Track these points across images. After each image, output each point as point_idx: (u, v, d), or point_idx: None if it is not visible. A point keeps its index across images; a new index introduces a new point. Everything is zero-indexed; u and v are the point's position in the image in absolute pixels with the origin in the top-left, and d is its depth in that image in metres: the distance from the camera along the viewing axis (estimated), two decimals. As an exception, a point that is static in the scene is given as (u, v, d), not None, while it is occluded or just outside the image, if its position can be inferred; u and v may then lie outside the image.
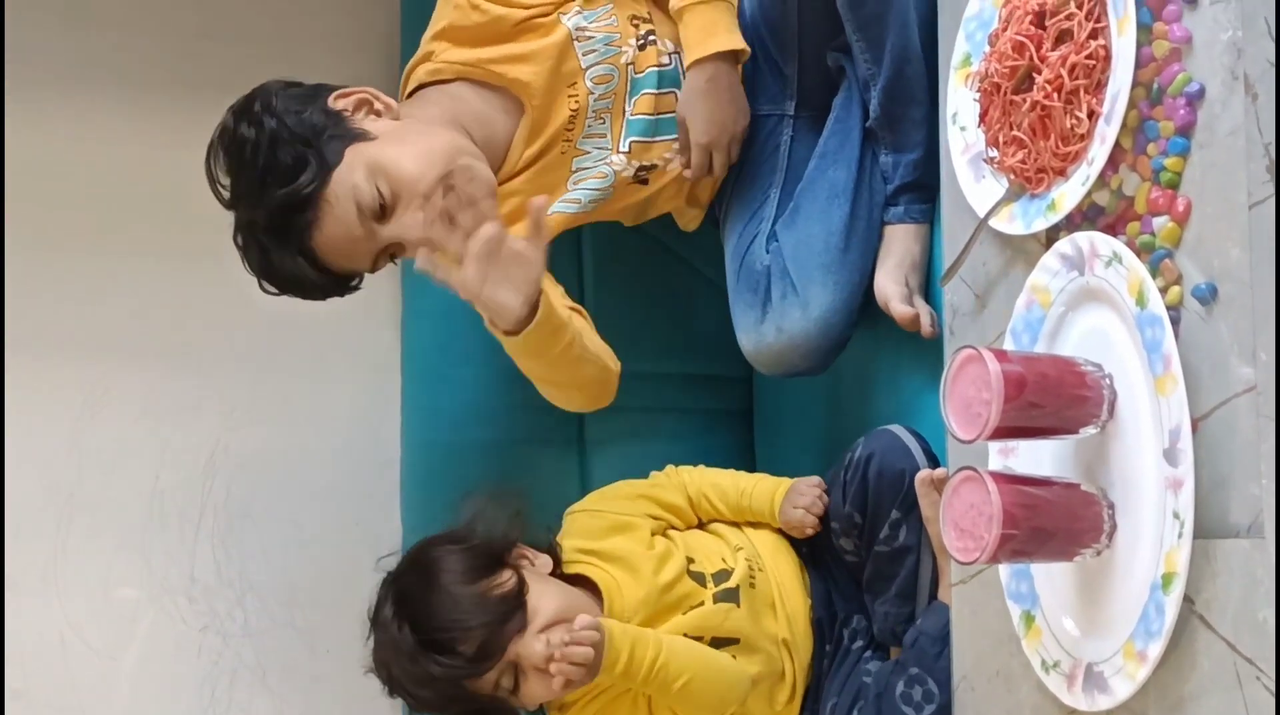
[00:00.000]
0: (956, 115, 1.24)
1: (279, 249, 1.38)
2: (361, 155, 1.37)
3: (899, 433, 1.43)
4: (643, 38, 1.52)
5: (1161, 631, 0.97)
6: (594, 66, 1.49)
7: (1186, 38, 1.01)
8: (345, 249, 1.38)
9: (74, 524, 1.81)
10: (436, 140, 1.40)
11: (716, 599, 1.43)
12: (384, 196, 1.36)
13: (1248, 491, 0.93)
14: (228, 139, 1.39)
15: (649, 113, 1.52)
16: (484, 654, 1.32)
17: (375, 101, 1.43)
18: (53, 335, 1.83)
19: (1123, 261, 1.02)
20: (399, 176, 1.37)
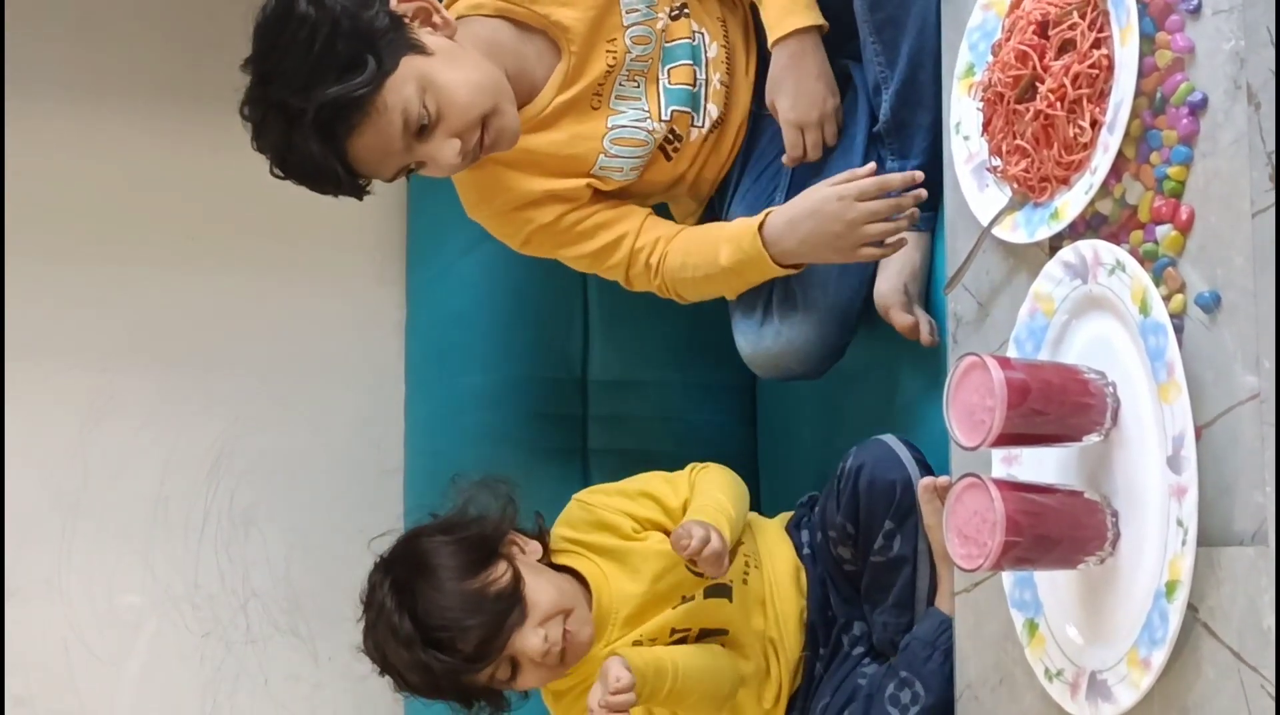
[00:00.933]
0: (960, 124, 1.24)
1: (316, 142, 1.32)
2: (416, 68, 1.34)
3: (890, 443, 1.43)
4: (676, 9, 1.51)
5: (1165, 639, 0.97)
6: (634, 26, 1.48)
7: (1189, 47, 1.01)
8: (378, 156, 1.36)
9: (78, 530, 1.82)
10: (488, 73, 1.40)
11: (707, 594, 1.44)
12: (430, 115, 1.35)
13: (1251, 499, 0.94)
14: (282, 9, 1.32)
15: (689, 83, 1.52)
16: (482, 653, 1.33)
17: (435, 14, 1.40)
18: (57, 342, 1.84)
19: (1126, 269, 1.03)
20: (450, 100, 1.36)
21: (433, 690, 1.37)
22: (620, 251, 1.52)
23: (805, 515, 1.55)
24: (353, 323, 1.96)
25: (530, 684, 1.39)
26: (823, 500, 1.50)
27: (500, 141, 1.42)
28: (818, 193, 1.42)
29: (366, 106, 1.32)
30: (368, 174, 1.39)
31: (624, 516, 1.49)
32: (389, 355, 1.91)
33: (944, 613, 1.35)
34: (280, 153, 1.36)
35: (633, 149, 1.52)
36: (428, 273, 1.87)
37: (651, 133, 1.51)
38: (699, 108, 1.54)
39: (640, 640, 1.42)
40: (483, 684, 1.36)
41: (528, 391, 1.79)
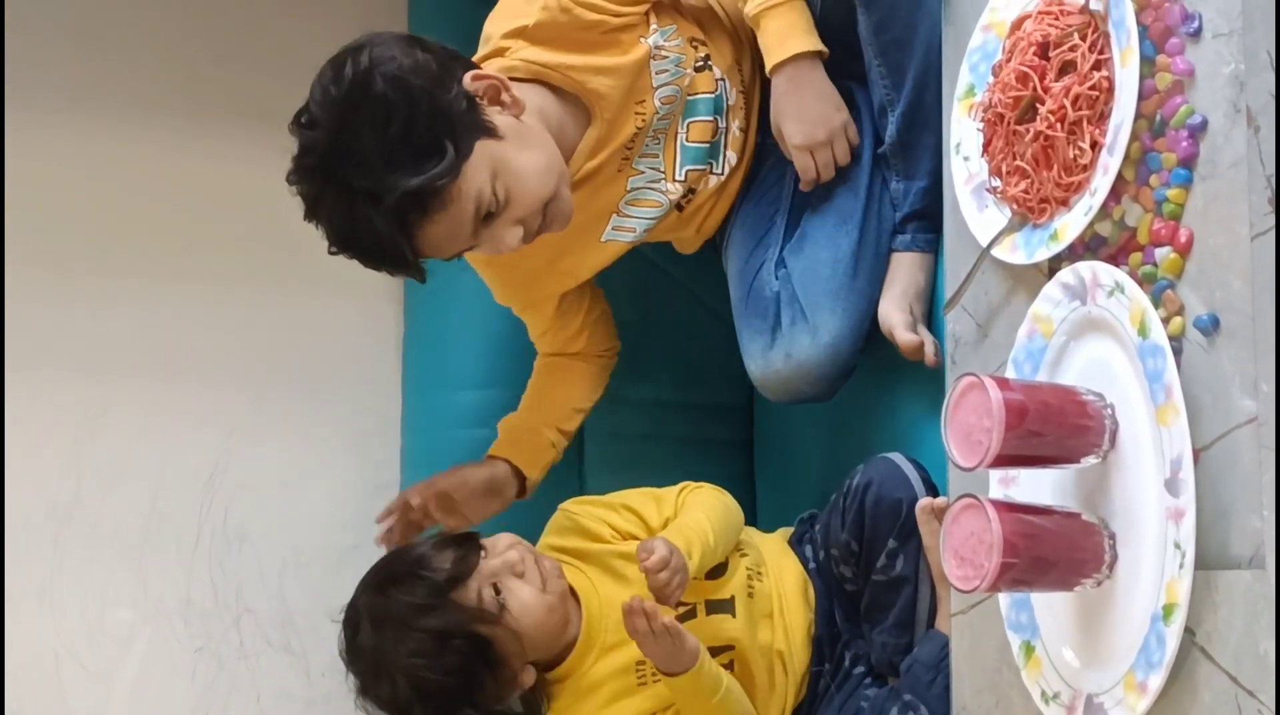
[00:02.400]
0: (960, 145, 1.24)
1: (386, 225, 1.28)
2: (489, 153, 1.31)
3: (898, 461, 1.43)
4: (700, 60, 1.50)
5: (1162, 663, 0.96)
6: (664, 87, 1.47)
7: (1189, 70, 1.01)
8: (446, 241, 1.34)
9: (70, 543, 1.80)
10: (553, 156, 1.39)
11: (709, 609, 1.43)
12: (499, 201, 1.33)
13: (1249, 523, 0.93)
14: (357, 89, 1.26)
15: (704, 140, 1.51)
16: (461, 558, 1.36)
17: (504, 92, 1.36)
18: (53, 353, 1.83)
19: (1125, 291, 1.03)
20: (520, 189, 1.34)
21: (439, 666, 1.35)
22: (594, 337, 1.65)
23: (807, 531, 1.55)
24: (350, 338, 1.95)
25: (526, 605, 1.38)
26: (826, 517, 1.50)
27: (554, 224, 1.40)
28: None
29: (444, 195, 1.29)
30: (433, 256, 1.37)
31: (603, 525, 1.50)
32: (386, 371, 1.90)
33: (946, 635, 1.35)
34: (343, 232, 1.31)
35: (647, 210, 1.52)
36: (427, 289, 1.87)
37: (666, 193, 1.51)
38: (718, 156, 1.54)
39: (644, 662, 1.40)
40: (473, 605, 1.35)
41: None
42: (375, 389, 1.91)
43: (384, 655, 1.37)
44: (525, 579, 1.39)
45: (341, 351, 1.94)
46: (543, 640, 1.40)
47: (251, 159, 1.91)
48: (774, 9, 1.45)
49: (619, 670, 1.42)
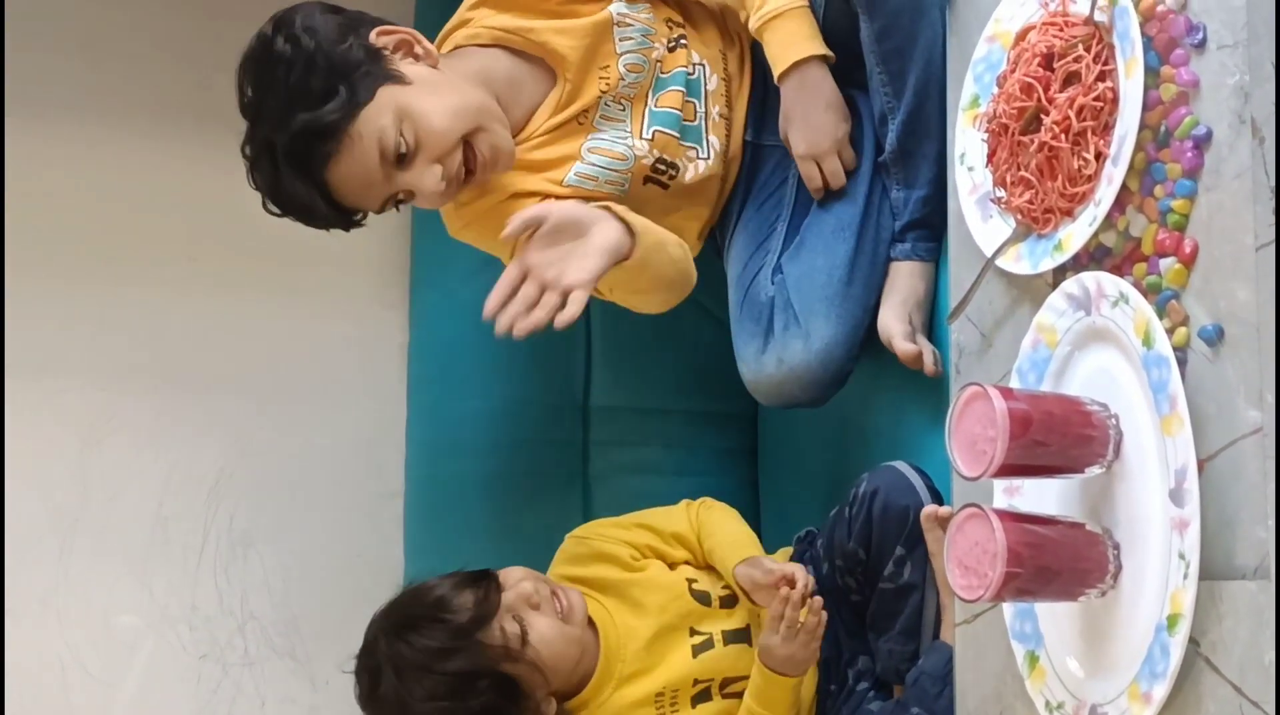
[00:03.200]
0: (964, 155, 1.24)
1: (293, 174, 1.35)
2: (393, 97, 1.35)
3: (903, 469, 1.43)
4: (674, 40, 1.51)
5: (1166, 673, 0.96)
6: (628, 54, 1.48)
7: (1194, 81, 1.01)
8: (359, 187, 1.37)
9: (76, 549, 1.81)
10: (468, 98, 1.40)
11: (727, 640, 1.43)
12: (408, 143, 1.36)
13: (1254, 533, 0.93)
14: (261, 50, 1.36)
15: (675, 107, 1.51)
16: (483, 599, 1.35)
17: (416, 45, 1.41)
18: (59, 360, 1.83)
19: (1129, 302, 1.03)
20: (426, 127, 1.36)
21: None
22: None
23: (806, 550, 1.54)
24: (355, 345, 1.95)
25: (546, 637, 1.38)
26: (830, 527, 1.50)
27: (495, 161, 1.41)
28: None
29: (340, 135, 1.34)
30: (352, 205, 1.39)
31: (622, 545, 1.49)
32: (391, 378, 1.91)
33: (951, 646, 1.34)
34: (269, 189, 1.39)
35: (610, 161, 1.50)
36: (432, 296, 1.87)
37: (631, 148, 1.50)
38: (701, 140, 1.54)
39: (663, 692, 1.40)
40: (499, 644, 1.35)
41: (529, 416, 1.78)
42: (379, 396, 1.91)
43: (407, 703, 1.35)
44: (541, 610, 1.38)
45: (346, 359, 1.94)
46: (562, 670, 1.40)
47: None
48: (775, 20, 1.46)
49: (638, 702, 1.41)
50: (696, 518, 1.52)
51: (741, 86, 1.58)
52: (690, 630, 1.43)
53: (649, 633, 1.42)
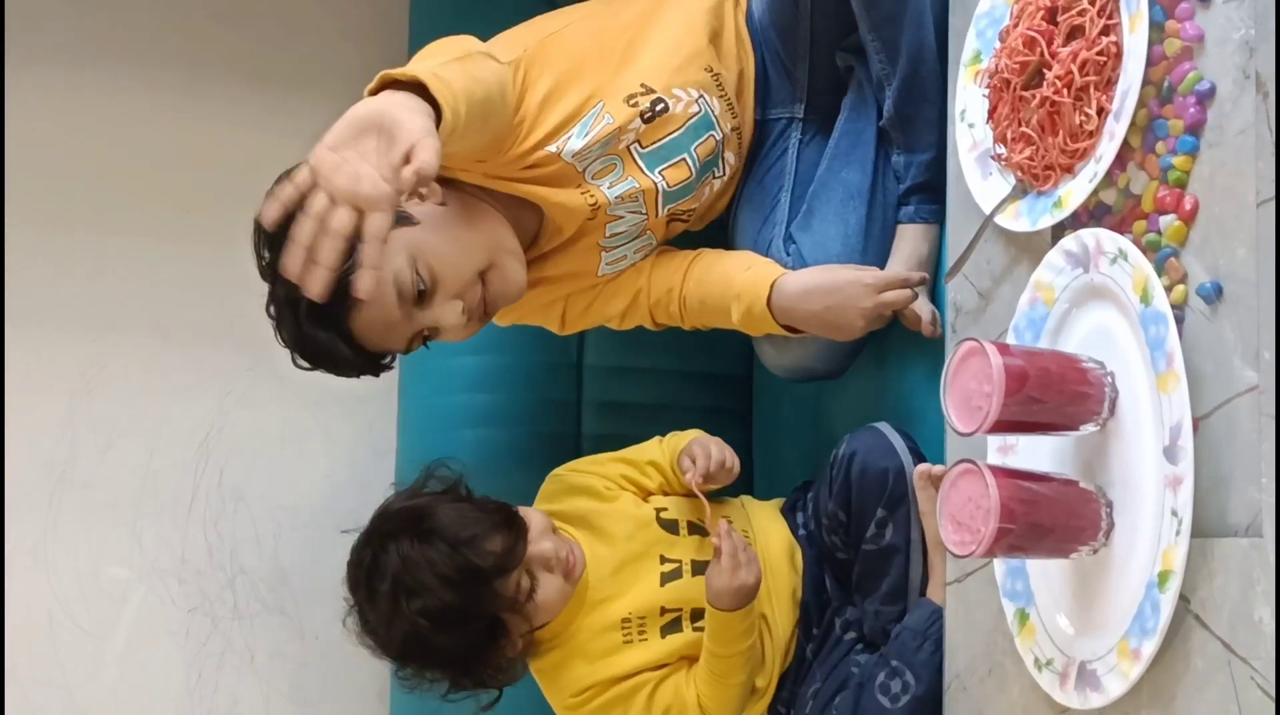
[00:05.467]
0: (965, 112, 1.23)
1: (316, 327, 1.34)
2: (404, 240, 1.33)
3: (885, 430, 1.43)
4: (650, 112, 1.45)
5: (1156, 629, 0.96)
6: (595, 162, 1.45)
7: (1198, 36, 1.00)
8: (381, 330, 1.36)
9: (66, 502, 1.80)
10: (478, 231, 1.39)
11: (695, 570, 1.43)
12: (424, 281, 1.34)
13: (1247, 492, 0.93)
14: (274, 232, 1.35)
15: (686, 178, 1.49)
16: (510, 549, 1.35)
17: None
18: (51, 312, 1.83)
19: (1128, 258, 1.02)
20: (443, 262, 1.35)
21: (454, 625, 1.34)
22: (640, 310, 1.55)
23: (799, 499, 1.55)
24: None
25: (550, 599, 1.39)
26: (816, 487, 1.50)
27: (504, 296, 1.40)
28: (842, 273, 1.43)
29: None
30: (376, 349, 1.37)
31: (596, 477, 1.51)
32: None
33: (935, 603, 1.35)
34: (295, 344, 1.37)
35: (634, 242, 1.52)
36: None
37: (651, 230, 1.52)
38: (718, 163, 1.53)
39: (629, 618, 1.41)
40: (509, 595, 1.35)
41: (523, 375, 1.78)
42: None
43: (397, 602, 1.34)
44: (553, 572, 1.39)
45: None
46: (540, 621, 1.41)
47: (251, 119, 1.91)
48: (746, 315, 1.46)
49: (605, 627, 1.42)
50: (668, 442, 1.53)
51: (744, 80, 1.56)
52: (660, 557, 1.44)
53: (615, 560, 1.44)
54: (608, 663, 1.41)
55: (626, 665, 1.41)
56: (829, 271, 1.44)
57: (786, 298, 1.44)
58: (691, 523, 1.48)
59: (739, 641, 1.37)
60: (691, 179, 1.50)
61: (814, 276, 1.44)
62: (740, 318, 1.48)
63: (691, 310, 1.53)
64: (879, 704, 1.35)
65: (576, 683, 1.42)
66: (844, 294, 1.42)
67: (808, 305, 1.43)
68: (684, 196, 1.51)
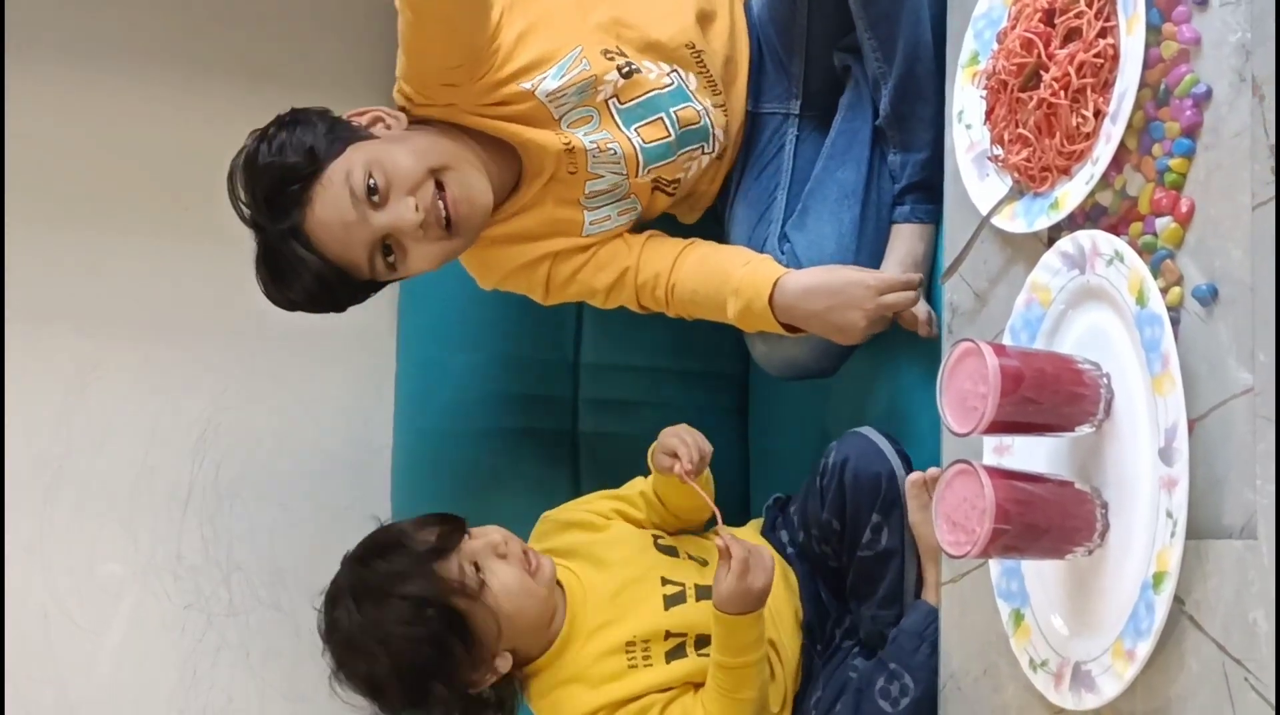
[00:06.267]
0: (962, 113, 1.24)
1: (273, 233, 1.37)
2: (361, 151, 1.39)
3: (871, 435, 1.43)
4: (626, 68, 1.47)
5: (1151, 631, 0.96)
6: (572, 110, 1.46)
7: (1195, 39, 1.01)
8: (339, 234, 1.37)
9: (61, 497, 1.80)
10: (435, 143, 1.41)
11: (699, 595, 1.43)
12: (375, 182, 1.37)
13: (1242, 493, 0.93)
14: (244, 158, 1.41)
15: (663, 137, 1.50)
16: (445, 535, 1.37)
17: (387, 118, 1.44)
18: (47, 307, 1.82)
19: (1124, 260, 1.02)
20: (392, 164, 1.38)
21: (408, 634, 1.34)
22: (626, 288, 1.55)
23: (777, 516, 1.54)
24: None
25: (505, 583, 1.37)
26: (802, 499, 1.50)
27: (464, 200, 1.40)
28: (844, 274, 1.43)
29: (311, 182, 1.36)
30: (340, 257, 1.39)
31: (586, 512, 1.51)
32: (381, 332, 1.90)
33: (931, 605, 1.35)
34: (271, 273, 1.41)
35: (617, 204, 1.51)
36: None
37: (632, 191, 1.51)
38: (708, 137, 1.53)
39: (633, 642, 1.39)
40: (454, 578, 1.35)
41: (519, 373, 1.78)
42: (369, 349, 1.91)
43: (363, 626, 1.34)
44: (508, 561, 1.37)
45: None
46: (523, 626, 1.37)
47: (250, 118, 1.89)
48: (744, 310, 1.46)
49: (608, 651, 1.39)
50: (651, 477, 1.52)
51: (736, 66, 1.56)
52: (662, 580, 1.43)
53: (614, 585, 1.42)
54: (611, 688, 1.38)
55: (631, 689, 1.38)
56: (831, 272, 1.45)
57: (789, 296, 1.44)
58: (690, 554, 1.47)
59: (749, 651, 1.33)
60: (671, 140, 1.50)
61: (816, 276, 1.44)
62: (738, 313, 1.48)
63: (680, 300, 1.52)
64: (879, 709, 1.34)
65: (580, 708, 1.39)
66: (846, 295, 1.42)
67: (809, 304, 1.43)
68: (664, 158, 1.50)
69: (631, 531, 1.49)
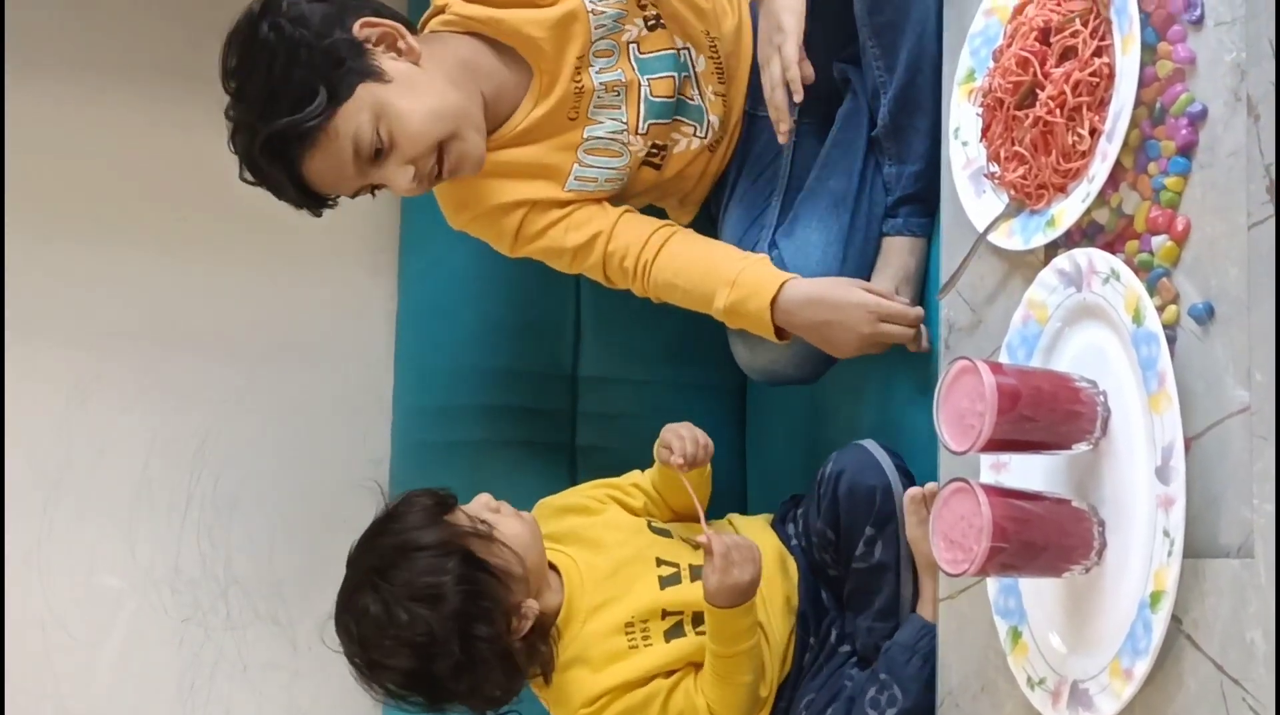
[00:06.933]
0: (959, 130, 1.24)
1: (268, 161, 1.39)
2: (372, 95, 1.37)
3: (870, 448, 1.43)
4: (652, 19, 1.50)
5: (1148, 650, 0.96)
6: (601, 40, 1.47)
7: (1190, 58, 1.01)
8: (331, 178, 1.40)
9: (59, 509, 1.80)
10: (447, 100, 1.41)
11: (694, 575, 1.43)
12: (383, 142, 1.38)
13: (1239, 512, 0.93)
14: (246, 32, 1.38)
15: (668, 95, 1.51)
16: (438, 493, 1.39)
17: (400, 39, 1.42)
18: (46, 319, 1.83)
19: (1120, 278, 1.03)
20: (402, 129, 1.38)
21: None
22: (594, 253, 1.52)
23: (789, 511, 1.55)
24: (343, 311, 1.95)
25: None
26: (804, 505, 1.50)
27: (461, 167, 1.43)
28: (850, 294, 1.42)
29: (316, 134, 1.36)
30: (325, 192, 1.42)
31: (581, 497, 1.52)
32: (379, 345, 1.90)
33: (925, 619, 1.35)
34: (245, 161, 1.42)
35: (608, 160, 1.51)
36: (420, 264, 1.87)
37: (628, 146, 1.51)
38: (702, 118, 1.53)
39: (632, 622, 1.40)
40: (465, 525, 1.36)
41: (517, 385, 1.78)
42: (367, 362, 1.91)
43: (393, 594, 1.32)
44: (502, 513, 1.41)
45: (334, 324, 1.94)
46: (533, 566, 1.39)
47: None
48: (738, 304, 1.45)
49: (609, 632, 1.40)
50: (648, 471, 1.54)
51: (739, 61, 1.56)
52: (657, 560, 1.44)
53: (610, 565, 1.43)
54: (615, 669, 1.39)
55: (635, 670, 1.39)
56: (838, 285, 1.44)
57: (792, 302, 1.44)
58: (685, 538, 1.48)
59: (740, 640, 1.36)
60: (672, 100, 1.51)
61: (822, 288, 1.44)
62: (728, 305, 1.46)
63: (657, 282, 1.50)
64: None
65: (585, 691, 1.39)
66: (847, 314, 1.41)
67: (809, 314, 1.43)
68: (663, 116, 1.51)
69: (625, 516, 1.50)
